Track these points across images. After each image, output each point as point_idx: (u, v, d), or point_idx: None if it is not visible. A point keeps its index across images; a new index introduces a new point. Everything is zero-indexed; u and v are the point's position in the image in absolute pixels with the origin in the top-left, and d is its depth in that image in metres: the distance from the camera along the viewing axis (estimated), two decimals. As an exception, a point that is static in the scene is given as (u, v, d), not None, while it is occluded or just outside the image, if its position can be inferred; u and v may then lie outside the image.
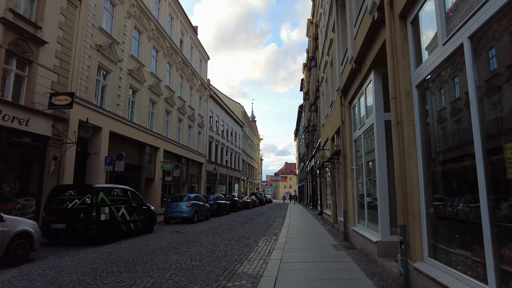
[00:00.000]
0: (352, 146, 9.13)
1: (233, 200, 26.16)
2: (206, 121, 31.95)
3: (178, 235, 11.18)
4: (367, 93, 7.53)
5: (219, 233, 11.69)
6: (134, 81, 17.85)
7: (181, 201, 15.82)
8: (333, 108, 12.55)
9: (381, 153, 6.44)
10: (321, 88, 18.08)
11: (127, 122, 16.84)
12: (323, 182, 17.88)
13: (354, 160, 8.97)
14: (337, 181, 12.14)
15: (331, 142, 13.64)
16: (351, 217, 9.06)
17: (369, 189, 7.68)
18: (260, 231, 12.54)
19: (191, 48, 28.63)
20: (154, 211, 12.27)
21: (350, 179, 9.07)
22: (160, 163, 20.87)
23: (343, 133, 9.87)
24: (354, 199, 8.82)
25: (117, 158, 14.72)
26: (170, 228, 13.57)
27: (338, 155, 11.10)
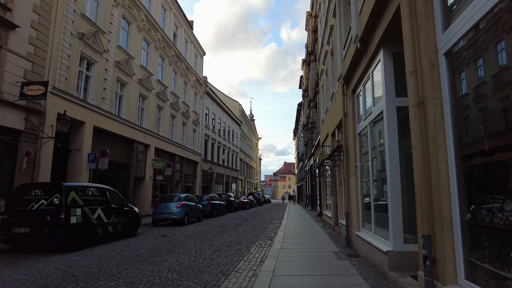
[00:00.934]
0: (355, 140, 8.09)
1: (229, 200, 25.11)
2: (201, 119, 30.90)
3: (163, 239, 10.13)
4: (374, 77, 6.50)
5: (209, 237, 10.65)
6: (122, 73, 16.79)
7: (170, 202, 14.77)
8: (334, 101, 11.52)
9: (393, 145, 5.40)
10: (321, 82, 17.05)
11: (113, 117, 15.79)
12: (322, 181, 16.85)
13: (358, 156, 7.94)
14: (338, 180, 11.11)
15: (331, 138, 12.61)
16: (354, 220, 8.03)
17: (377, 189, 6.65)
18: (254, 235, 11.50)
19: (185, 43, 27.57)
20: (137, 213, 11.22)
21: (354, 178, 8.04)
22: (151, 162, 19.81)
23: (345, 126, 8.83)
24: (358, 200, 7.79)
25: (100, 155, 13.67)
26: (157, 231, 12.52)
27: (339, 151, 10.07)
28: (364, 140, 7.63)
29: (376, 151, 6.68)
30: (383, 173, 6.15)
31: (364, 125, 7.21)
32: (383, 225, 6.08)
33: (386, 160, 5.55)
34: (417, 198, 3.80)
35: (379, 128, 6.32)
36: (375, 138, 6.69)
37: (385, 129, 5.53)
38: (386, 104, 5.53)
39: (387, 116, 5.50)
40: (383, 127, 5.85)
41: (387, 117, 5.49)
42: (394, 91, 5.55)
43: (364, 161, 7.61)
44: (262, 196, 50.41)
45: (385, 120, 5.56)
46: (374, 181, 6.68)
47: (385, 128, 5.56)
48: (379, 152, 6.54)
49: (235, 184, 46.40)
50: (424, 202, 3.49)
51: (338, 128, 11.08)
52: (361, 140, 7.89)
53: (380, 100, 5.92)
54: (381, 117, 6.07)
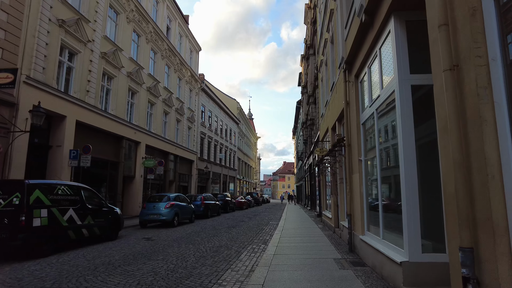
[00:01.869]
0: (359, 131, 7.12)
1: (225, 200, 24.12)
2: (197, 116, 29.90)
3: (145, 243, 9.15)
4: (382, 55, 5.53)
5: (197, 241, 9.66)
6: (109, 66, 15.80)
7: (159, 202, 13.78)
8: (334, 91, 10.55)
9: (408, 133, 4.43)
10: (320, 75, 16.08)
11: (99, 112, 14.80)
12: (322, 179, 15.87)
13: (363, 149, 6.97)
14: (339, 177, 10.13)
15: (331, 133, 11.63)
16: (358, 223, 7.05)
17: (386, 186, 5.67)
18: (248, 238, 10.52)
19: (180, 37, 26.58)
20: (119, 214, 10.24)
21: (357, 174, 7.06)
22: (141, 160, 18.82)
23: (348, 117, 7.86)
24: (363, 199, 6.81)
25: (82, 151, 12.68)
26: (142, 233, 11.53)
27: (340, 146, 9.09)
28: (369, 131, 6.66)
29: (386, 142, 5.70)
30: (394, 168, 5.18)
31: (370, 112, 6.23)
32: (395, 229, 5.11)
33: (399, 151, 4.57)
34: (447, 197, 2.83)
35: (389, 115, 5.35)
36: (384, 127, 5.72)
37: (398, 113, 4.55)
38: (398, 83, 4.55)
39: (400, 97, 4.52)
40: (394, 112, 4.89)
41: (400, 98, 4.52)
42: (408, 67, 4.59)
43: (370, 155, 6.64)
44: (260, 196, 49.40)
45: (397, 103, 4.59)
46: (383, 177, 5.70)
47: (398, 112, 4.58)
48: (388, 143, 5.56)
49: (233, 184, 45.41)
50: (463, 203, 2.51)
51: (339, 120, 10.10)
52: (366, 131, 6.91)
53: (391, 80, 4.94)
54: (391, 101, 5.10)
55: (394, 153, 5.14)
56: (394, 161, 5.16)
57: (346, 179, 9.23)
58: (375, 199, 6.19)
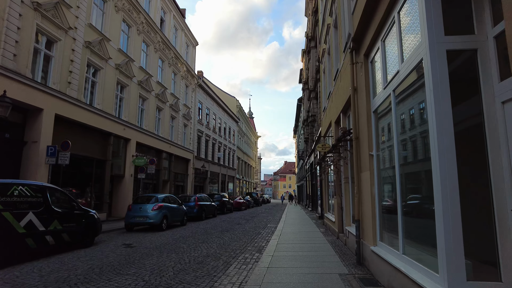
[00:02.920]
0: (370, 120, 5.94)
1: (222, 201, 22.95)
2: (194, 113, 28.74)
3: (122, 251, 7.99)
4: (401, 20, 4.36)
5: (182, 248, 8.50)
6: (94, 56, 14.65)
7: (146, 203, 12.63)
8: (339, 79, 9.37)
9: (444, 115, 3.26)
10: (322, 66, 14.90)
11: (83, 106, 13.65)
12: (324, 179, 14.69)
13: (375, 142, 5.79)
14: (344, 177, 8.96)
15: (335, 127, 10.46)
16: (368, 230, 5.87)
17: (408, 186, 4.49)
18: (241, 244, 9.36)
19: (175, 30, 25.43)
20: (96, 218, 9.08)
21: (368, 172, 5.88)
22: (131, 158, 17.67)
23: (355, 105, 6.69)
24: (374, 202, 5.64)
25: (61, 147, 11.54)
26: (124, 238, 10.37)
27: (345, 140, 7.92)
28: (384, 119, 5.48)
29: (407, 130, 4.52)
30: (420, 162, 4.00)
31: (385, 95, 5.05)
32: (421, 242, 3.94)
33: (431, 140, 3.39)
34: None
35: (414, 95, 4.16)
36: (404, 112, 4.54)
37: (429, 89, 3.37)
38: (429, 48, 3.38)
39: (431, 67, 3.35)
40: (420, 91, 3.73)
41: (432, 68, 3.34)
42: (442, 26, 3.41)
43: (385, 148, 5.46)
44: (260, 196, 48.20)
45: (427, 75, 3.41)
46: (404, 175, 4.52)
47: (428, 87, 3.40)
48: (411, 132, 4.38)
49: (232, 184, 44.25)
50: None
51: (344, 112, 8.93)
52: (379, 120, 5.73)
53: (416, 48, 3.76)
54: (416, 77, 3.93)
55: (421, 144, 3.97)
56: (421, 154, 3.99)
57: (353, 178, 8.06)
58: (391, 202, 5.01)
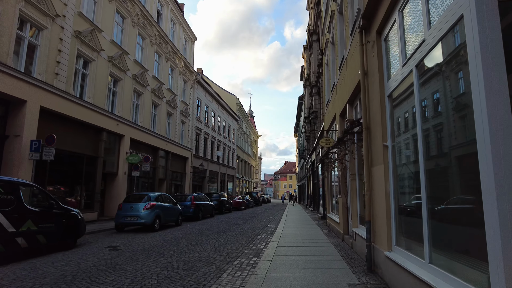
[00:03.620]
0: (384, 107, 5.16)
1: (220, 200, 22.18)
2: (192, 110, 27.97)
3: (105, 255, 7.21)
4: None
5: (173, 251, 7.73)
6: (85, 47, 13.89)
7: (137, 202, 11.86)
8: (344, 67, 8.59)
9: (496, 84, 2.47)
10: (325, 58, 14.12)
11: (72, 99, 12.88)
12: (327, 177, 13.90)
13: (389, 131, 5.01)
14: (350, 173, 8.17)
15: (339, 120, 9.68)
16: (382, 233, 5.10)
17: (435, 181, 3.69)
18: (238, 247, 8.59)
19: (173, 24, 24.66)
20: (79, 217, 8.31)
21: (381, 166, 5.10)
22: (125, 155, 16.91)
23: (366, 92, 5.91)
24: (389, 200, 4.86)
25: (45, 142, 10.78)
26: (111, 240, 9.60)
27: (353, 132, 7.14)
28: (402, 103, 4.70)
29: (435, 113, 3.73)
30: (455, 154, 3.22)
31: (404, 74, 4.28)
32: (455, 250, 3.16)
33: (477, 123, 2.60)
34: None
35: (447, 65, 3.37)
36: (432, 89, 3.75)
37: (476, 51, 2.59)
38: None
39: (479, 24, 2.56)
40: (459, 58, 2.95)
41: (480, 25, 2.55)
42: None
43: (403, 138, 4.68)
44: (260, 196, 47.39)
45: (473, 35, 2.63)
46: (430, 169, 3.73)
47: (474, 50, 2.62)
48: (441, 115, 3.59)
49: (231, 183, 43.48)
50: None
51: (351, 102, 8.15)
52: (395, 105, 4.95)
53: (452, 4, 2.97)
54: (449, 42, 3.15)
55: (459, 129, 3.18)
56: (458, 139, 3.20)
57: (361, 175, 7.30)
58: (413, 200, 4.23)
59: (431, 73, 3.71)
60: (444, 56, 3.32)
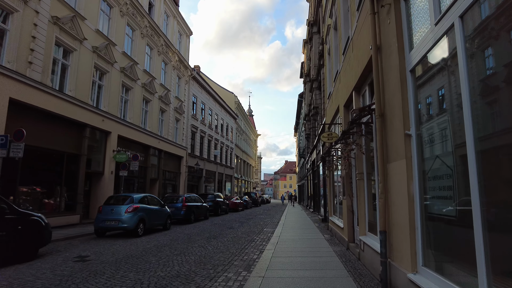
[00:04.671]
0: (405, 85, 4.02)
1: (215, 201, 21.01)
2: (187, 107, 26.82)
3: (67, 267, 6.06)
4: None
5: (149, 263, 6.58)
6: (65, 35, 12.75)
7: (119, 205, 10.72)
8: (350, 50, 7.44)
9: None
10: (327, 46, 12.96)
11: (49, 91, 11.74)
12: (329, 176, 12.74)
13: (414, 115, 3.86)
14: (357, 172, 7.02)
15: (344, 112, 8.52)
16: (402, 248, 3.95)
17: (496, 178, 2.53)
18: (228, 256, 7.44)
19: (166, 17, 23.52)
20: (42, 223, 7.16)
21: (403, 161, 3.95)
22: (112, 153, 15.77)
23: (379, 70, 4.77)
24: (414, 205, 3.72)
25: (13, 137, 9.63)
26: (83, 247, 8.44)
27: (360, 123, 5.99)
28: (432, 78, 3.55)
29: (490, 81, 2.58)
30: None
31: (436, 36, 3.13)
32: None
33: None
34: None
35: None
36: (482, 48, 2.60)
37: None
38: None
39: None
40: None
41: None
42: None
43: (435, 123, 3.52)
44: (259, 196, 46.20)
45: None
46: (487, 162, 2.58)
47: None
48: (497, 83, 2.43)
49: (230, 183, 42.32)
50: None
51: (358, 89, 7.00)
52: (420, 82, 3.81)
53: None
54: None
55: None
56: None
57: (369, 174, 6.16)
58: (449, 205, 3.08)
59: (484, 25, 2.55)
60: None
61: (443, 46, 3.14)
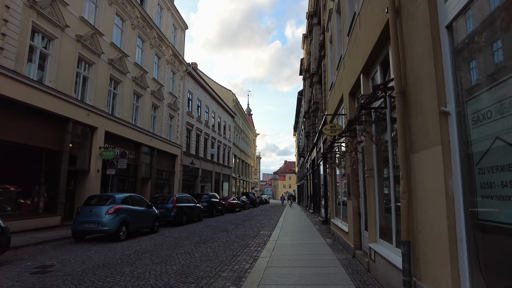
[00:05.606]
0: (439, 48, 3.00)
1: (210, 202, 19.98)
2: (182, 104, 25.79)
3: (18, 283, 5.05)
4: None
5: (120, 275, 5.55)
6: (43, 21, 11.73)
7: (100, 205, 9.70)
8: (356, 28, 6.43)
9: None
10: (328, 34, 11.95)
11: (25, 81, 10.72)
12: (331, 174, 11.72)
13: (453, 87, 2.85)
14: (367, 168, 5.99)
15: (349, 100, 7.51)
16: (436, 265, 2.94)
17: None
18: (215, 266, 6.42)
19: (160, 9, 22.50)
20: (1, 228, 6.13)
21: (437, 149, 2.93)
22: (98, 150, 14.74)
23: (398, 36, 3.78)
24: (456, 208, 2.70)
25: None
26: (51, 255, 7.41)
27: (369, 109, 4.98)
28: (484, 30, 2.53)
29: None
30: None
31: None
32: None
33: None
34: None
35: None
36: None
37: None
38: None
39: None
40: None
41: None
42: None
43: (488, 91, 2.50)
44: (257, 197, 45.13)
45: None
46: None
47: None
48: None
49: (227, 183, 41.28)
50: None
51: (367, 71, 5.99)
52: (458, 43, 2.80)
53: None
54: None
55: None
56: None
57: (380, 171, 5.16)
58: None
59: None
60: None
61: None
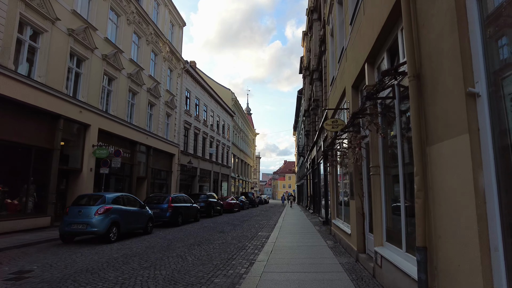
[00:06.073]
0: (465, 21, 2.53)
1: (208, 202, 19.49)
2: (179, 102, 25.31)
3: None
4: None
5: (103, 282, 5.08)
6: (32, 13, 11.25)
7: (90, 205, 9.22)
8: (360, 14, 5.95)
9: None
10: (329, 28, 11.48)
11: (11, 75, 10.24)
12: (332, 173, 11.24)
13: (483, 64, 2.37)
14: (372, 165, 5.51)
15: (353, 94, 7.04)
16: (463, 277, 2.47)
17: None
18: (207, 271, 5.95)
19: (156, 4, 22.02)
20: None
21: (463, 138, 2.47)
22: (91, 148, 14.26)
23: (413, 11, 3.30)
24: (488, 211, 2.22)
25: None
26: (34, 258, 6.92)
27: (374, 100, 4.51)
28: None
29: None
30: None
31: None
32: None
33: None
34: None
35: None
36: None
37: None
38: None
39: None
40: None
41: None
42: None
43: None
44: (257, 197, 44.62)
45: None
46: None
47: None
48: None
49: (226, 183, 40.79)
50: None
51: (372, 60, 5.53)
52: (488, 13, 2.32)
53: None
54: None
55: None
56: None
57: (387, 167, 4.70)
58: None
59: None
60: None
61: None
